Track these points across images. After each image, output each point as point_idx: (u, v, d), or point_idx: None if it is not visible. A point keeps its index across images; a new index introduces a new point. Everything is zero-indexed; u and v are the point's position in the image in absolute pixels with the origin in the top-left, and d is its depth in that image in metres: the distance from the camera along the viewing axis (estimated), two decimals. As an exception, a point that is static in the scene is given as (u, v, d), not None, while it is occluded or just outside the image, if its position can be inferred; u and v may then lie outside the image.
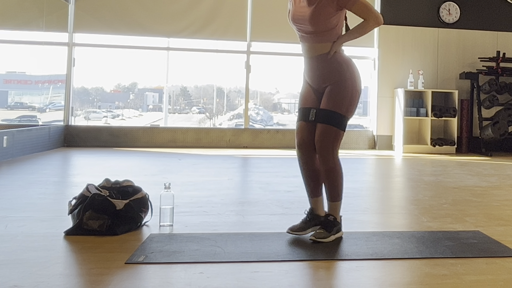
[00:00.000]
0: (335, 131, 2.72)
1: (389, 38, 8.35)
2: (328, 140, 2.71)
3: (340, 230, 2.78)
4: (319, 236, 2.67)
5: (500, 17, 8.59)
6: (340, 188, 2.78)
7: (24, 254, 2.38)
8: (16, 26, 7.08)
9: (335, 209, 2.79)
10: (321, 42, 2.76)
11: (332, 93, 2.75)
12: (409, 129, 8.16)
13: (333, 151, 2.73)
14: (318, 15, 2.71)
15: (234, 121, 10.80)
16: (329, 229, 2.72)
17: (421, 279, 2.18)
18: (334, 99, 2.73)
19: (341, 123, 2.73)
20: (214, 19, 8.10)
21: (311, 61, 2.81)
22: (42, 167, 5.37)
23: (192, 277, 2.12)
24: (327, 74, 2.77)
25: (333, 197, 2.78)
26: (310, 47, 2.79)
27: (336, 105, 2.73)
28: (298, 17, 2.78)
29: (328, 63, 2.77)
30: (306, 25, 2.75)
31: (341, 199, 2.81)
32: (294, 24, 2.82)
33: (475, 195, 4.18)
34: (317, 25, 2.72)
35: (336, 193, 2.78)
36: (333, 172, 2.75)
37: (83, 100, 11.15)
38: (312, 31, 2.74)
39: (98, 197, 2.78)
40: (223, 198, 3.86)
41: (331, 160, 2.73)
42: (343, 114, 2.73)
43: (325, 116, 2.73)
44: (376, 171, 6.09)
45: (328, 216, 2.78)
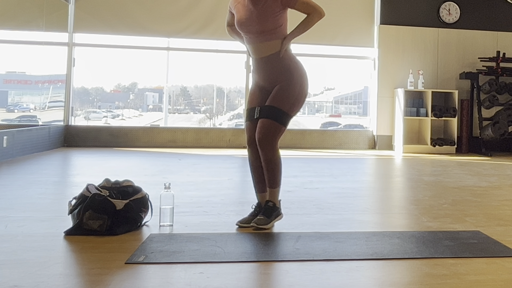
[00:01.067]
0: (275, 126, 2.90)
1: (389, 38, 8.35)
2: (268, 133, 2.89)
3: (279, 214, 2.99)
4: (259, 223, 2.87)
5: (500, 17, 8.59)
6: (278, 176, 2.97)
7: (24, 254, 2.38)
8: (16, 26, 7.08)
9: (274, 195, 2.99)
10: (269, 40, 2.90)
11: (279, 91, 2.91)
12: (409, 129, 8.16)
13: (271, 143, 2.91)
14: (264, 14, 2.87)
15: (234, 121, 10.80)
16: (268, 215, 2.93)
17: (421, 279, 2.18)
18: (279, 97, 2.90)
19: (283, 119, 2.91)
20: (214, 19, 8.10)
21: (260, 61, 2.95)
22: (42, 167, 5.37)
23: (192, 277, 2.12)
24: (276, 73, 2.92)
25: (272, 184, 2.97)
26: (259, 48, 2.93)
27: (280, 102, 2.90)
28: (244, 19, 2.93)
29: (277, 62, 2.92)
30: (253, 25, 2.90)
31: (279, 186, 3.00)
32: (241, 27, 2.96)
33: (475, 195, 4.18)
34: (264, 24, 2.87)
35: (274, 180, 2.96)
36: (271, 161, 2.93)
37: (83, 100, 11.15)
38: (260, 30, 2.88)
39: (98, 197, 2.78)
40: (223, 198, 3.86)
41: (269, 151, 2.91)
42: (285, 112, 2.91)
43: (267, 112, 2.91)
44: (376, 171, 6.09)
45: (268, 203, 2.97)
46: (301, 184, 4.61)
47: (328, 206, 3.63)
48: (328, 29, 8.00)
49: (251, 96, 3.05)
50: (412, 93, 8.16)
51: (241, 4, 2.99)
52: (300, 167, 5.82)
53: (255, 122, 2.97)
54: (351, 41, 8.43)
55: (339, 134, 8.55)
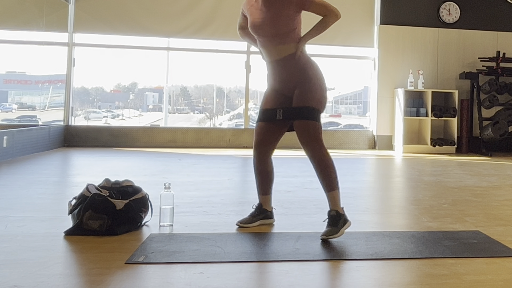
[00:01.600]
0: (313, 124, 2.81)
1: (389, 38, 8.35)
2: (313, 134, 2.80)
3: (346, 220, 2.80)
4: (329, 234, 2.70)
5: (500, 17, 8.59)
6: (333, 176, 2.81)
7: (24, 254, 2.38)
8: (16, 26, 7.08)
9: (335, 200, 2.80)
10: (284, 43, 2.85)
11: (301, 91, 2.84)
12: (409, 129, 8.16)
13: (318, 143, 2.80)
14: (279, 17, 2.82)
15: (234, 121, 10.79)
16: (335, 223, 2.75)
17: (421, 279, 2.18)
18: (304, 96, 2.83)
19: (315, 116, 2.82)
20: (214, 19, 8.10)
21: (275, 64, 2.89)
22: (42, 167, 5.37)
23: (192, 277, 2.12)
24: (292, 75, 2.86)
25: (329, 187, 2.80)
26: (273, 51, 2.87)
27: (307, 100, 2.82)
28: (258, 23, 2.87)
29: (292, 64, 2.86)
30: (267, 28, 2.84)
31: (338, 188, 2.82)
32: (255, 30, 2.91)
33: (475, 195, 4.18)
34: (278, 27, 2.81)
35: (330, 182, 2.80)
36: (323, 162, 2.79)
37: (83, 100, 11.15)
38: (274, 33, 2.83)
39: (98, 197, 2.78)
40: (223, 198, 3.86)
41: (318, 152, 2.80)
42: (315, 108, 2.82)
43: (299, 113, 2.82)
44: (376, 171, 6.09)
45: (330, 212, 2.80)
46: (301, 184, 4.61)
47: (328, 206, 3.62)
48: (328, 29, 7.95)
49: (266, 98, 2.96)
50: (412, 93, 8.16)
51: (254, 7, 2.93)
52: (300, 167, 5.82)
53: (270, 124, 2.91)
54: (351, 41, 8.43)
55: (339, 134, 8.55)
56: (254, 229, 2.95)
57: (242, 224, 2.95)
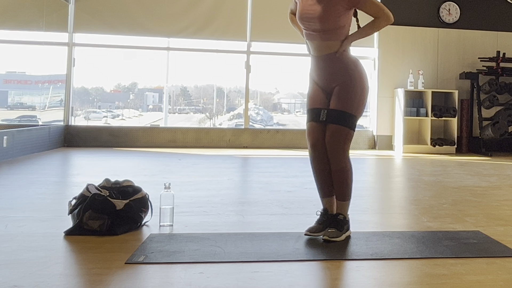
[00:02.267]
0: (346, 131, 2.74)
1: (389, 38, 8.35)
2: (339, 140, 2.74)
3: (349, 228, 2.82)
4: (332, 236, 2.69)
5: (500, 17, 8.59)
6: (350, 187, 2.81)
7: (24, 254, 2.38)
8: (16, 26, 7.08)
9: (344, 208, 2.82)
10: (330, 40, 2.74)
11: (341, 93, 2.75)
12: (409, 129, 8.16)
13: (344, 151, 2.76)
14: (328, 12, 2.70)
15: (234, 121, 10.79)
16: (340, 227, 2.74)
17: (421, 279, 2.18)
18: (344, 99, 2.74)
19: (351, 123, 2.75)
20: (214, 19, 8.10)
21: (319, 60, 2.80)
22: (42, 167, 5.37)
23: (192, 277, 2.12)
24: (335, 73, 2.77)
25: (343, 197, 2.81)
26: (318, 46, 2.77)
27: (346, 105, 2.73)
28: (307, 15, 2.76)
29: (336, 62, 2.76)
30: (315, 22, 2.73)
31: (350, 199, 2.83)
32: (302, 22, 2.80)
33: (475, 195, 4.18)
34: (326, 23, 2.71)
35: (346, 192, 2.80)
36: (344, 171, 2.78)
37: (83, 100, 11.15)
38: (321, 29, 2.72)
39: (98, 197, 2.78)
40: (223, 198, 3.86)
41: (342, 160, 2.76)
42: (353, 114, 2.75)
43: (336, 117, 2.74)
44: (376, 171, 6.09)
45: (338, 216, 2.79)
46: (301, 184, 4.61)
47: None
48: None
49: (312, 96, 2.86)
50: (412, 93, 8.16)
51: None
52: (300, 167, 5.82)
53: (320, 124, 2.80)
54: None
55: (339, 134, 8.53)
56: (254, 229, 2.95)
57: (312, 233, 2.77)
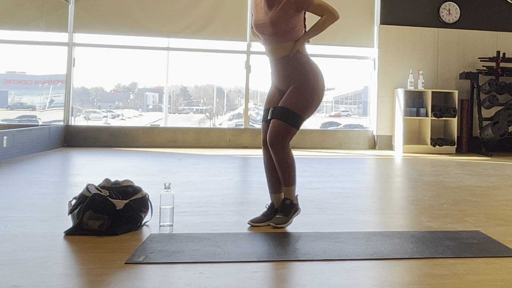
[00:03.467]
0: (286, 127, 2.90)
1: (389, 38, 8.35)
2: (278, 134, 2.90)
3: (297, 209, 3.01)
4: (278, 222, 2.91)
5: (500, 17, 8.59)
6: (292, 174, 2.97)
7: (24, 254, 2.38)
8: (16, 26, 7.08)
9: (290, 192, 2.99)
10: (283, 42, 2.93)
11: (292, 92, 2.93)
12: (409, 129, 8.16)
13: (282, 144, 2.91)
14: (278, 17, 2.89)
15: (234, 121, 10.79)
16: (286, 212, 2.95)
17: (421, 279, 2.18)
18: (292, 98, 2.91)
19: (293, 120, 2.91)
20: (214, 19, 8.10)
21: (275, 63, 2.98)
22: (42, 167, 5.37)
23: (192, 277, 2.12)
24: (291, 75, 2.94)
25: (287, 183, 2.97)
26: (273, 49, 2.96)
27: (292, 103, 2.91)
28: (260, 22, 2.98)
29: (291, 64, 2.94)
30: (267, 27, 2.93)
31: (294, 184, 3.00)
32: (257, 29, 3.02)
33: (475, 195, 4.18)
34: (277, 27, 2.90)
35: (288, 178, 2.96)
36: (283, 161, 2.93)
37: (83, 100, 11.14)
38: (273, 32, 2.92)
39: (98, 197, 2.78)
40: (223, 198, 3.86)
41: (280, 152, 2.91)
42: (297, 113, 2.91)
43: (279, 113, 2.92)
44: (376, 171, 6.09)
45: (285, 200, 2.97)
46: (301, 184, 4.59)
47: (328, 206, 3.63)
48: (328, 29, 7.96)
49: (268, 97, 3.07)
50: (412, 93, 8.16)
51: (259, 5, 3.03)
52: (300, 167, 5.79)
53: (269, 123, 2.98)
54: (351, 41, 8.43)
55: (339, 134, 8.55)
56: (254, 229, 2.95)
57: (254, 223, 2.99)
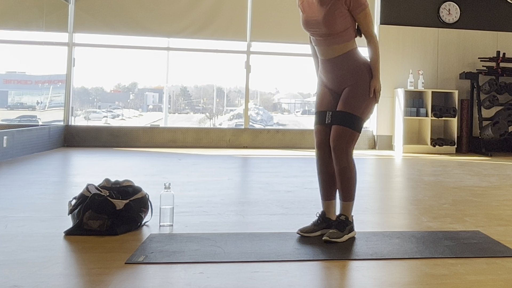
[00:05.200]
0: (350, 133, 2.74)
1: (389, 38, 8.35)
2: (342, 141, 2.74)
3: (352, 229, 2.80)
4: (332, 236, 2.68)
5: (500, 17, 8.59)
6: (353, 188, 2.80)
7: (24, 254, 2.38)
8: (16, 26, 7.08)
9: (348, 209, 2.81)
10: (338, 43, 2.76)
11: (350, 95, 2.76)
12: (409, 129, 8.16)
13: (347, 151, 2.75)
14: (332, 16, 2.71)
15: (234, 121, 10.80)
16: (341, 228, 2.73)
17: (421, 279, 2.18)
18: (351, 102, 2.75)
19: (357, 125, 2.76)
20: (214, 19, 8.10)
21: (328, 63, 2.80)
22: (42, 167, 5.37)
23: (192, 277, 2.12)
24: (346, 76, 2.78)
25: (346, 197, 2.80)
26: (327, 50, 2.78)
27: (353, 107, 2.75)
28: (311, 21, 2.78)
29: (346, 65, 2.77)
30: (320, 28, 2.74)
31: (354, 199, 2.83)
32: (307, 28, 2.82)
33: (475, 195, 4.18)
34: (332, 27, 2.72)
35: (349, 193, 2.79)
36: (346, 171, 2.76)
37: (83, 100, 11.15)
38: (327, 33, 2.74)
39: (98, 197, 2.78)
40: (223, 198, 3.86)
41: (344, 160, 2.75)
42: (358, 116, 2.76)
43: (341, 118, 2.75)
44: (376, 171, 6.09)
45: (340, 216, 2.79)
46: (301, 184, 4.61)
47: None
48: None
49: (320, 98, 2.89)
50: (412, 93, 8.16)
51: (307, 2, 2.82)
52: (300, 167, 5.82)
53: (325, 126, 2.82)
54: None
55: (339, 134, 8.53)
56: (254, 229, 2.95)
57: (304, 232, 2.80)
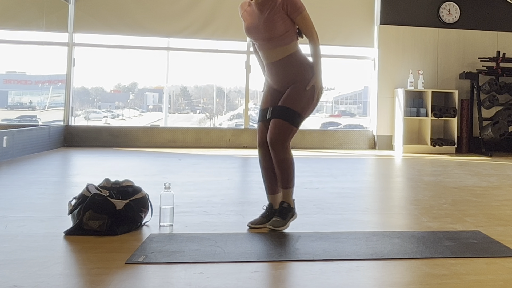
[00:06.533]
0: (287, 126, 2.87)
1: (389, 38, 8.35)
2: (279, 133, 2.87)
3: (294, 214, 2.96)
4: (276, 225, 2.86)
5: (500, 17, 8.59)
6: (291, 176, 2.93)
7: (24, 254, 2.38)
8: (16, 26, 7.08)
9: (288, 195, 2.95)
10: (280, 46, 2.90)
11: (291, 92, 2.91)
12: (409, 129, 8.16)
13: (283, 144, 2.88)
14: (271, 21, 2.85)
15: (234, 121, 10.79)
16: (284, 216, 2.90)
17: (421, 279, 2.18)
18: (291, 97, 2.89)
19: (295, 120, 2.89)
20: (214, 19, 8.10)
21: (272, 66, 2.95)
22: (42, 167, 5.37)
23: (192, 277, 2.12)
24: (289, 76, 2.92)
25: (285, 185, 2.93)
26: (270, 53, 2.93)
27: (292, 103, 2.89)
28: (253, 28, 2.93)
29: (289, 66, 2.91)
30: (262, 33, 2.89)
31: (293, 186, 2.96)
32: (249, 34, 2.97)
33: (475, 195, 4.18)
34: (272, 31, 2.86)
35: (287, 180, 2.92)
36: (283, 162, 2.89)
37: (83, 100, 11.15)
38: (268, 37, 2.88)
39: (98, 197, 2.78)
40: (223, 198, 3.86)
41: (281, 151, 2.87)
42: (298, 112, 2.89)
43: (279, 112, 2.89)
44: (376, 171, 6.09)
45: (283, 204, 2.94)
46: (301, 184, 4.60)
47: (328, 206, 3.63)
48: (328, 29, 8.00)
49: (264, 97, 3.04)
50: (412, 93, 8.16)
51: (247, 12, 2.98)
52: (300, 167, 5.80)
53: (267, 123, 2.96)
54: (351, 41, 8.44)
55: (339, 134, 8.55)
56: (259, 230, 2.95)
57: (254, 225, 2.95)
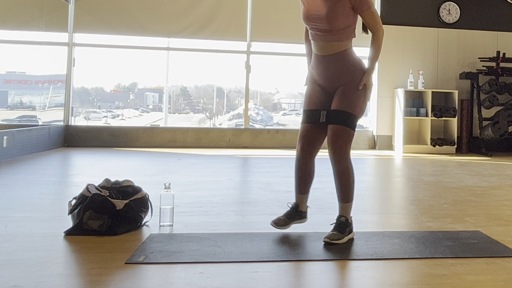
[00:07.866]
0: (348, 132, 2.73)
1: (389, 38, 8.33)
2: (342, 140, 2.72)
3: (352, 231, 2.78)
4: (333, 238, 2.66)
5: (500, 17, 8.59)
6: (351, 189, 2.79)
7: (24, 254, 2.38)
8: (16, 26, 7.08)
9: (347, 210, 2.79)
10: (336, 40, 2.73)
11: (345, 93, 2.74)
12: (409, 129, 8.16)
13: (346, 151, 2.75)
14: (334, 12, 2.68)
15: (234, 121, 10.80)
16: (342, 230, 2.71)
17: (421, 279, 2.18)
18: (348, 100, 2.73)
19: (353, 123, 2.75)
20: (214, 19, 8.10)
21: (323, 60, 2.77)
22: (42, 167, 5.37)
23: (192, 277, 2.12)
24: (340, 73, 2.76)
25: (345, 199, 2.78)
26: (324, 46, 2.75)
27: (350, 105, 2.73)
28: (313, 15, 2.74)
29: (341, 62, 2.76)
30: (322, 23, 2.71)
31: (352, 200, 2.81)
32: (308, 22, 2.79)
33: (475, 195, 4.18)
34: (333, 23, 2.69)
35: (348, 194, 2.78)
36: (346, 172, 2.76)
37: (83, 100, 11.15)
38: (328, 29, 2.71)
39: (98, 197, 2.78)
40: (223, 198, 3.86)
41: (344, 161, 2.74)
42: (355, 114, 2.75)
43: (338, 117, 2.73)
44: (376, 171, 6.09)
45: (340, 217, 2.77)
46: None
47: (328, 206, 3.63)
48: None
49: (310, 97, 2.85)
50: (412, 93, 8.16)
51: None
52: (300, 167, 5.80)
53: (316, 126, 2.80)
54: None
55: (339, 134, 8.53)
56: (254, 229, 2.95)
57: (279, 227, 2.83)
